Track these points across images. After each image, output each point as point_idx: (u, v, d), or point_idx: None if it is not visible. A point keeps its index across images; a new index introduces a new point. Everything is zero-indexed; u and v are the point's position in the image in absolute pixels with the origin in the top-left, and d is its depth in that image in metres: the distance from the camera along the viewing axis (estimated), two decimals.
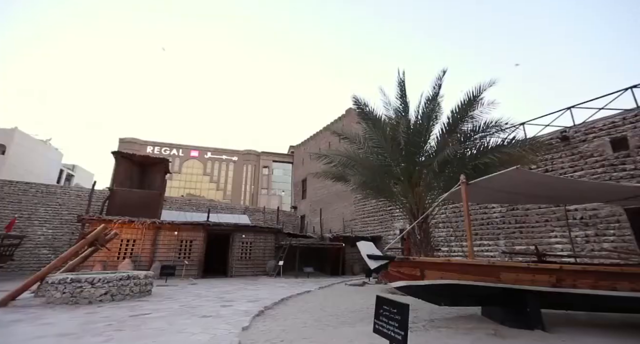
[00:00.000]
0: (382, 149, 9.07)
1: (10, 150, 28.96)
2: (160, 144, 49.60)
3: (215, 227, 14.14)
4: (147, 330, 4.37)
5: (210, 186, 50.43)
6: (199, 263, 13.26)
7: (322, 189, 23.00)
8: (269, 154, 51.53)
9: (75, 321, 5.04)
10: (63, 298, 6.44)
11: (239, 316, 5.31)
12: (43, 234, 15.91)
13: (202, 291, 8.73)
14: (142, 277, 7.60)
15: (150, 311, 5.79)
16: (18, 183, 16.66)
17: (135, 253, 12.35)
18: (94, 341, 3.84)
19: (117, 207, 13.41)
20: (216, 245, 14.63)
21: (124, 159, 15.31)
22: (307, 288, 9.58)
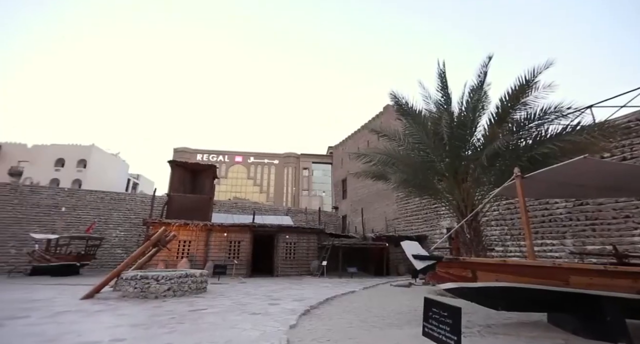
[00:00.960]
0: (423, 145, 8.68)
1: (90, 164, 33.57)
2: (208, 151, 53.38)
3: (260, 228, 14.79)
4: (204, 324, 4.73)
5: (254, 189, 52.85)
6: (247, 262, 13.97)
7: (362, 188, 22.74)
8: (308, 155, 52.42)
9: (145, 313, 5.65)
10: (135, 292, 7.27)
11: (286, 315, 5.47)
12: (117, 236, 18.10)
13: (251, 290, 9.18)
14: (198, 275, 8.24)
15: (206, 306, 6.25)
16: (96, 192, 19.19)
17: (191, 253, 13.45)
18: (160, 332, 4.26)
19: (175, 211, 14.72)
20: (262, 246, 15.27)
21: (178, 167, 16.77)
22: (351, 288, 9.53)
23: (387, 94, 9.17)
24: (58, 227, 16.85)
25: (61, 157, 33.09)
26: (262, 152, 55.64)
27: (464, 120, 8.19)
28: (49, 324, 4.75)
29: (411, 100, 9.00)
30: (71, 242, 15.27)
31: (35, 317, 5.23)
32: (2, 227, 16.12)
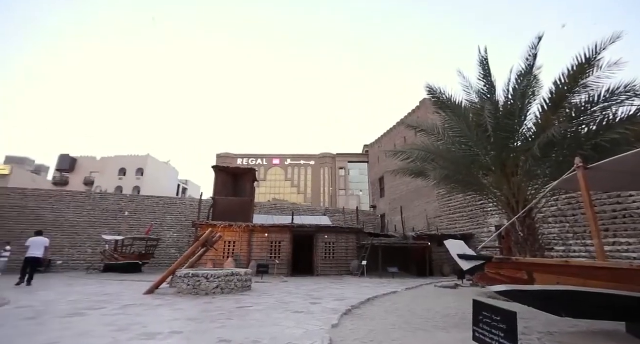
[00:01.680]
0: (465, 138, 8.16)
1: (146, 172, 37.16)
2: (247, 155, 55.92)
3: (299, 228, 15.09)
4: (250, 321, 4.96)
5: (292, 190, 54.10)
6: (288, 262, 14.34)
7: (400, 186, 22.06)
8: (344, 155, 52.29)
9: (198, 308, 6.09)
10: (188, 289, 7.87)
11: (328, 314, 5.51)
12: (171, 237, 19.77)
13: (293, 289, 9.40)
14: (243, 274, 8.66)
15: (251, 304, 6.55)
16: (152, 197, 21.17)
17: (236, 253, 14.19)
18: (212, 326, 4.56)
19: (219, 214, 15.65)
20: (301, 246, 15.57)
21: (220, 172, 17.81)
22: (392, 289, 9.30)
23: (424, 87, 8.80)
24: (123, 230, 18.89)
25: (123, 167, 37.08)
26: (299, 154, 56.76)
27: (511, 109, 7.55)
28: (119, 315, 5.35)
29: (449, 92, 8.53)
30: (134, 243, 17.05)
31: (109, 308, 5.93)
32: (80, 230, 18.52)
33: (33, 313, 5.56)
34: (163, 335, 4.06)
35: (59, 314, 5.47)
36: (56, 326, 4.58)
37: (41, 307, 6.16)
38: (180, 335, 4.10)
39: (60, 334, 4.09)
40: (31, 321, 4.89)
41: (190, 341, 3.86)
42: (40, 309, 5.94)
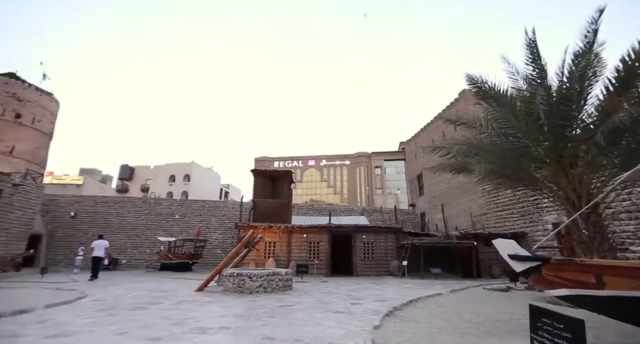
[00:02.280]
0: (512, 129, 7.51)
1: (192, 178, 39.97)
2: (284, 158, 57.40)
3: (337, 229, 15.11)
4: (292, 319, 5.08)
5: (328, 191, 54.33)
6: (326, 262, 14.43)
7: (440, 183, 21.03)
8: (379, 153, 51.21)
9: (243, 306, 6.40)
10: (233, 287, 8.29)
11: (369, 315, 5.44)
12: (216, 238, 21.01)
13: (332, 289, 9.43)
14: (283, 274, 8.91)
15: (293, 303, 6.70)
16: (198, 201, 22.70)
17: (276, 253, 14.63)
18: (257, 324, 4.76)
19: (259, 215, 16.27)
20: (339, 246, 15.57)
21: (259, 175, 18.50)
22: (436, 290, 8.89)
23: (463, 76, 8.26)
24: (174, 232, 20.51)
25: (172, 173, 40.28)
26: (333, 154, 56.85)
27: (567, 93, 6.78)
28: (174, 310, 5.82)
29: (492, 80, 7.92)
30: (184, 244, 18.42)
31: (166, 304, 6.49)
32: (140, 232, 20.50)
33: (106, 305, 6.29)
34: (213, 330, 4.33)
35: (126, 307, 6.12)
36: (124, 318, 5.13)
37: (112, 300, 6.94)
38: (228, 331, 4.33)
39: (127, 325, 4.57)
40: (104, 313, 5.53)
41: (237, 337, 4.07)
42: (111, 302, 6.70)
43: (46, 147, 23.66)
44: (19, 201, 15.80)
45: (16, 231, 15.62)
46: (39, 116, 22.62)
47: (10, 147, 20.63)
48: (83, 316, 5.29)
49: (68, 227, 19.70)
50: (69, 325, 4.61)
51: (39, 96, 22.81)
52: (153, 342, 3.74)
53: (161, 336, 4.01)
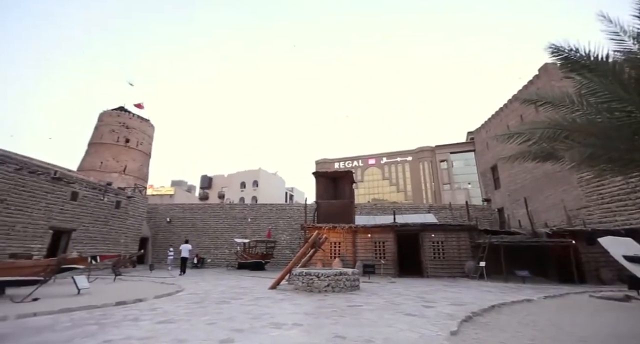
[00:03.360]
0: (619, 102, 6.15)
1: (260, 183, 43.21)
2: (344, 159, 57.77)
3: (403, 228, 14.53)
4: (362, 320, 5.08)
5: (391, 189, 52.64)
6: (394, 262, 13.98)
7: (521, 174, 18.45)
8: (444, 146, 47.54)
9: (313, 304, 6.65)
10: (303, 286, 8.68)
11: (443, 319, 5.11)
12: (285, 239, 22.27)
13: (401, 290, 9.10)
14: (350, 274, 8.96)
15: (362, 303, 6.69)
16: (267, 205, 24.43)
17: (342, 253, 14.78)
18: (327, 322, 4.90)
19: (323, 216, 16.69)
20: (406, 245, 14.94)
21: (320, 177, 19.00)
22: (525, 296, 7.82)
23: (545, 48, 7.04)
24: (248, 234, 22.43)
25: (243, 180, 44.17)
26: (393, 151, 54.94)
27: None
28: (252, 305, 6.39)
29: (584, 47, 6.62)
30: (257, 244, 20.01)
31: (245, 299, 7.16)
32: (219, 234, 23.03)
33: (198, 298, 7.26)
34: (287, 326, 4.62)
35: (213, 300, 6.96)
36: (213, 310, 5.84)
37: (202, 294, 7.98)
38: (301, 327, 4.56)
39: (216, 317, 5.20)
40: (197, 305, 6.40)
41: (309, 334, 4.26)
42: (202, 296, 7.70)
43: (147, 164, 28.43)
44: (132, 210, 19.32)
45: (131, 234, 19.12)
46: (141, 139, 27.38)
47: (124, 166, 25.42)
48: (181, 306, 6.20)
49: (165, 231, 23.28)
50: (172, 314, 5.47)
51: (140, 123, 27.62)
52: (237, 333, 4.18)
53: (243, 328, 4.45)
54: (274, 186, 46.16)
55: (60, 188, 14.24)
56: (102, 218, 16.69)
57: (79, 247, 14.75)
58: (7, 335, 4.10)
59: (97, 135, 25.82)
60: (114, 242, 17.41)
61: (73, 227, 14.80)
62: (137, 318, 5.10)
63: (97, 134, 25.84)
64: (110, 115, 26.39)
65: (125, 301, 6.60)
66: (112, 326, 4.60)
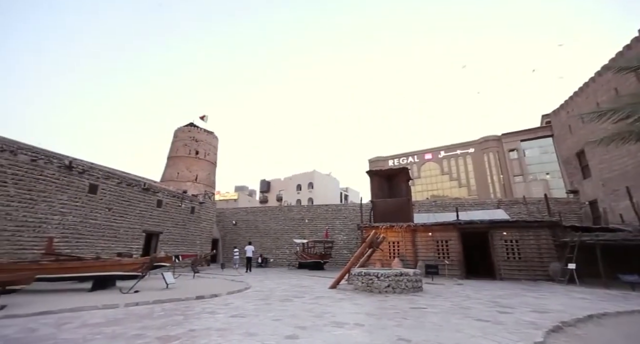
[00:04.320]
0: None
1: (315, 185, 44.27)
2: (398, 155, 55.72)
3: (467, 225, 13.39)
4: (427, 323, 4.83)
5: (452, 184, 48.93)
6: (459, 262, 12.95)
7: (619, 159, 15.39)
8: (513, 134, 42.29)
9: (374, 305, 6.56)
10: (362, 286, 8.62)
11: (524, 327, 4.56)
12: (342, 239, 22.40)
13: (470, 293, 8.39)
14: (411, 274, 8.59)
15: (425, 306, 6.36)
16: (322, 206, 24.91)
17: (401, 253, 14.25)
18: (389, 324, 4.78)
19: (379, 215, 16.33)
20: (472, 244, 13.72)
21: (374, 175, 18.65)
22: (636, 305, 6.50)
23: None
24: (306, 234, 23.15)
25: (298, 183, 45.76)
26: (452, 144, 50.99)
27: None
28: (313, 304, 6.57)
29: None
30: (315, 245, 20.52)
31: (306, 298, 7.41)
32: (279, 235, 24.27)
33: (263, 296, 7.77)
34: (349, 326, 4.64)
35: (277, 298, 7.37)
36: (277, 307, 6.19)
37: (267, 292, 8.51)
38: (363, 328, 4.54)
39: (280, 314, 5.50)
40: (262, 302, 6.85)
41: (371, 334, 4.21)
42: (267, 293, 8.21)
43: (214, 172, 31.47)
44: (204, 214, 21.61)
45: (204, 236, 21.39)
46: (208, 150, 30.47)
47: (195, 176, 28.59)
48: (250, 303, 6.71)
49: (232, 233, 25.43)
50: (242, 309, 5.96)
51: (206, 136, 30.75)
52: (301, 330, 4.35)
53: (306, 325, 4.62)
54: (329, 186, 46.77)
55: (148, 197, 16.67)
56: (181, 222, 19.01)
57: (165, 248, 17.05)
58: (120, 320, 4.97)
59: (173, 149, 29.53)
60: (191, 243, 19.67)
61: (160, 230, 17.17)
62: (214, 312, 5.68)
63: (173, 148, 29.54)
64: (182, 131, 29.95)
65: (204, 296, 7.41)
66: (194, 317, 5.21)
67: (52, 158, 11.95)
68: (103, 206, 13.83)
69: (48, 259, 9.07)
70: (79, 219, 12.70)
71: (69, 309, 5.60)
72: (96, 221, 13.45)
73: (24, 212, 10.82)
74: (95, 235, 13.35)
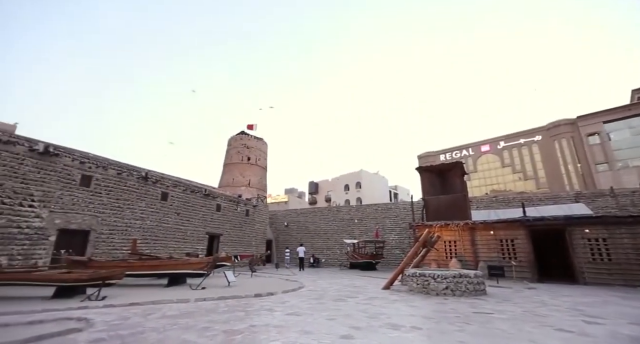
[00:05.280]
0: None
1: (362, 184, 43.80)
2: (450, 149, 52.16)
3: (538, 222, 11.91)
4: (494, 330, 4.42)
5: (514, 177, 44.04)
6: (529, 264, 11.58)
7: None
8: (593, 115, 36.36)
9: (431, 307, 6.23)
10: (418, 287, 8.25)
11: (622, 341, 3.90)
12: (393, 239, 21.75)
13: (546, 298, 7.45)
14: (472, 276, 7.96)
15: (491, 311, 5.84)
16: (371, 205, 24.51)
17: (459, 253, 13.28)
18: (450, 328, 4.50)
19: (432, 213, 15.46)
20: (545, 244, 12.17)
21: (425, 172, 17.71)
22: None
23: None
24: (356, 234, 23.00)
25: (346, 183, 45.73)
26: (514, 133, 45.92)
27: None
28: (367, 305, 6.50)
29: None
30: (366, 245, 20.26)
31: (360, 298, 7.36)
32: (330, 236, 24.51)
33: (317, 295, 7.93)
34: (405, 328, 4.48)
35: (330, 298, 7.46)
36: (331, 306, 6.26)
37: (320, 291, 8.66)
38: (420, 331, 4.35)
39: (334, 313, 5.55)
40: (316, 301, 6.99)
41: (430, 339, 4.01)
42: (320, 293, 8.36)
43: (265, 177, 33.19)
44: (257, 217, 22.90)
45: (259, 237, 22.65)
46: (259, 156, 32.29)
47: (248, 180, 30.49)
48: (304, 301, 6.90)
49: (284, 234, 26.45)
50: (297, 307, 6.16)
51: (256, 142, 32.63)
52: (356, 331, 4.34)
53: (361, 326, 4.59)
54: (377, 185, 45.81)
55: (209, 202, 18.26)
56: (237, 225, 20.41)
57: (225, 248, 18.47)
58: (191, 313, 5.53)
59: (228, 157, 31.91)
60: (247, 244, 20.99)
61: (220, 232, 18.66)
62: (271, 309, 5.99)
63: (228, 156, 31.92)
64: (235, 139, 32.20)
65: (261, 294, 7.84)
66: (254, 314, 5.55)
67: (132, 171, 13.84)
68: (173, 211, 15.56)
69: (133, 258, 10.54)
70: (155, 223, 14.48)
71: (151, 301, 6.42)
72: (168, 225, 15.18)
73: (114, 217, 12.71)
74: (167, 237, 15.09)
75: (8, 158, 9.75)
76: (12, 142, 9.91)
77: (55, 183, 10.85)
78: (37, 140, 10.69)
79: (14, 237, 9.54)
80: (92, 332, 4.16)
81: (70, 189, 11.27)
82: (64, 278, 6.82)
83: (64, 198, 11.03)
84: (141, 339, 3.83)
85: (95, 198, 12.08)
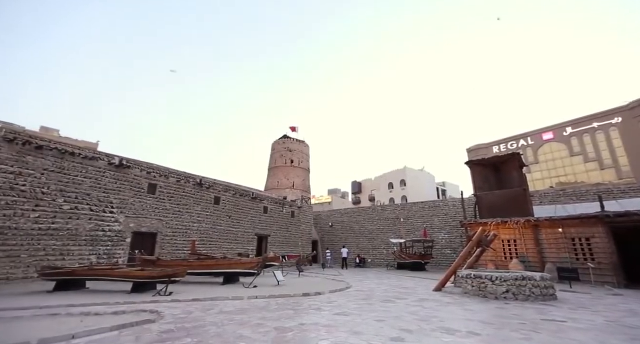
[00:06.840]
0: None
1: (407, 181, 42.26)
2: (503, 140, 47.71)
3: (620, 218, 10.27)
4: (569, 341, 3.92)
5: (588, 166, 38.53)
6: (612, 266, 10.03)
7: None
8: None
9: (490, 312, 5.75)
10: (473, 290, 7.68)
11: None
12: (442, 238, 20.56)
13: (635, 306, 6.40)
14: (538, 279, 7.17)
15: (564, 318, 5.20)
16: (418, 203, 23.50)
17: (520, 253, 12.06)
18: (513, 335, 4.11)
19: (486, 210, 14.27)
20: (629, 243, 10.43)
21: (476, 165, 16.45)
22: None
23: None
24: (402, 234, 22.22)
25: (390, 181, 44.50)
26: (584, 116, 40.25)
27: None
28: (417, 306, 6.24)
29: None
30: (413, 244, 19.46)
31: (409, 300, 7.10)
32: (375, 235, 24.07)
33: (364, 296, 7.84)
34: (461, 333, 4.21)
35: (378, 298, 7.32)
36: (379, 307, 6.15)
37: (368, 292, 8.55)
38: (479, 337, 4.04)
39: (383, 315, 5.44)
40: (364, 301, 6.91)
41: None
42: (368, 293, 8.26)
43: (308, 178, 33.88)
44: (302, 217, 23.45)
45: (305, 238, 23.16)
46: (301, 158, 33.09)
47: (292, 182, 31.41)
48: (351, 301, 6.88)
49: (329, 234, 26.63)
50: (345, 307, 6.16)
51: (298, 145, 33.49)
52: (406, 333, 4.20)
53: (412, 329, 4.42)
54: (423, 182, 43.74)
55: (257, 205, 19.21)
56: (283, 226, 21.11)
57: (273, 249, 19.24)
58: (245, 310, 5.89)
59: (272, 161, 33.22)
60: (293, 245, 21.58)
61: (267, 233, 19.50)
62: (319, 308, 6.08)
63: (272, 160, 33.22)
64: (278, 143, 33.42)
65: (309, 293, 8.01)
66: (303, 312, 5.69)
67: (188, 178, 15.19)
68: (224, 214, 16.70)
69: (193, 258, 11.55)
70: (209, 226, 15.69)
71: (210, 298, 6.97)
72: (221, 227, 16.33)
73: (176, 221, 14.08)
74: (221, 238, 16.23)
75: (93, 171, 11.43)
76: (95, 157, 11.60)
77: (128, 191, 12.39)
78: (113, 154, 12.32)
79: (100, 239, 11.13)
80: (162, 324, 4.66)
81: (140, 196, 12.78)
82: (138, 275, 7.77)
83: (136, 204, 12.54)
84: (203, 332, 4.18)
85: (160, 204, 13.50)
